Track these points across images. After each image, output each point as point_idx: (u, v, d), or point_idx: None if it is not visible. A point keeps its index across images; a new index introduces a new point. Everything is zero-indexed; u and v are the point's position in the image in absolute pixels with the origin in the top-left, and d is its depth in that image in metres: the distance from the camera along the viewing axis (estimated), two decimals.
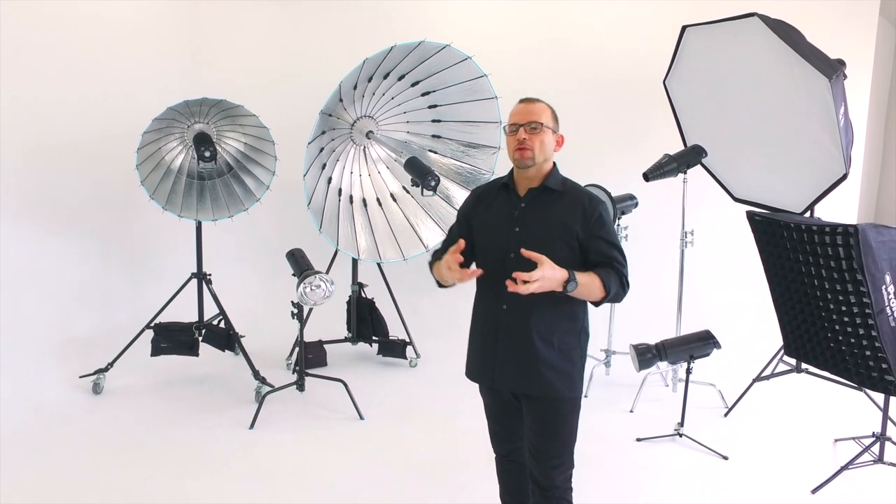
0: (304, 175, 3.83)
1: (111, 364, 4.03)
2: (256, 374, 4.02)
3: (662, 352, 3.35)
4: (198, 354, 4.24)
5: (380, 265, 4.60)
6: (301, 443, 3.47)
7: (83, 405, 3.82)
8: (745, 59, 3.87)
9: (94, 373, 4.00)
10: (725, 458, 3.36)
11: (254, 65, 5.45)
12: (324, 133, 4.05)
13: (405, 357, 4.64)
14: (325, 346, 4.59)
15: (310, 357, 4.39)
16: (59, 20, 4.26)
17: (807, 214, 3.90)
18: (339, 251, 4.27)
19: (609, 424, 3.72)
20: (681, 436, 3.52)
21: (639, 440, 3.55)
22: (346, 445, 3.45)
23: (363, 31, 5.48)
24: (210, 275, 4.23)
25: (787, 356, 3.48)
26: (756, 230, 3.12)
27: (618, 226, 4.17)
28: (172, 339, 4.16)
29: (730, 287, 5.26)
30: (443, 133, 4.54)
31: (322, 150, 4.11)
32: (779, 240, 2.99)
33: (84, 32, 4.43)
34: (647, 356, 3.35)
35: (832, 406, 4.03)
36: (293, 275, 3.62)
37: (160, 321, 4.14)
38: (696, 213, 4.52)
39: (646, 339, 3.44)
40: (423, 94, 4.36)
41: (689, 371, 3.40)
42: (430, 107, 4.43)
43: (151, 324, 4.11)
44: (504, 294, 1.98)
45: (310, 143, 3.78)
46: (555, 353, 2.09)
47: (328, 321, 4.88)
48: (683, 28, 4.04)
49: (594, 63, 5.35)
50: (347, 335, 4.70)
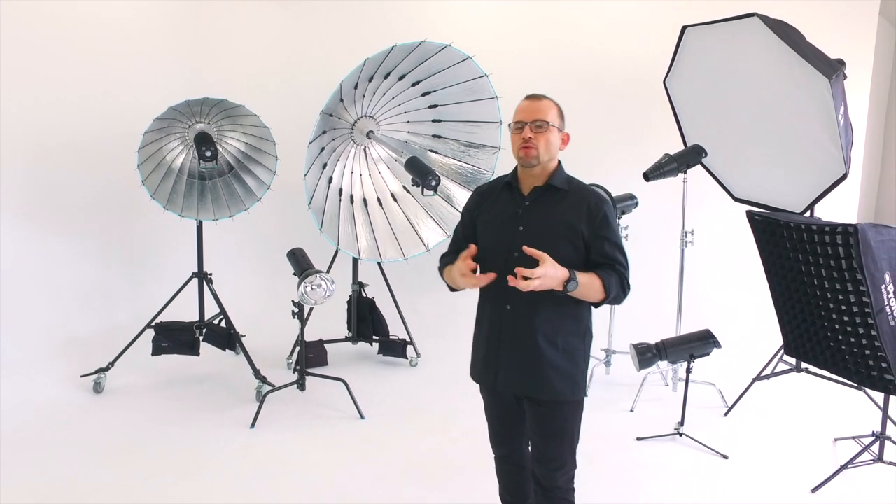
0: (305, 175, 3.83)
1: (112, 363, 4.04)
2: (257, 374, 4.03)
3: (662, 351, 3.35)
4: (198, 354, 4.24)
5: (380, 265, 4.60)
6: (302, 442, 3.47)
7: (84, 404, 3.83)
8: (745, 60, 3.87)
9: (95, 372, 4.00)
10: (725, 458, 3.37)
11: (255, 65, 5.45)
12: (324, 133, 4.06)
13: (405, 356, 4.64)
14: (326, 346, 4.60)
15: (310, 356, 4.40)
16: (60, 20, 4.27)
17: (807, 214, 3.90)
18: (340, 251, 4.27)
19: (609, 424, 3.73)
20: (681, 435, 3.53)
21: (639, 439, 3.55)
22: (347, 445, 3.46)
23: (364, 32, 5.48)
24: (211, 274, 4.23)
25: (787, 356, 3.49)
26: (756, 230, 3.12)
27: (618, 226, 4.17)
28: (173, 339, 4.16)
29: (730, 287, 5.26)
30: (443, 133, 4.54)
31: (323, 150, 4.12)
32: (779, 239, 2.99)
33: (84, 32, 4.43)
34: (648, 355, 3.36)
35: (832, 405, 4.04)
36: (294, 274, 3.63)
37: (161, 320, 4.14)
38: (696, 213, 4.52)
39: (646, 339, 3.44)
40: (424, 94, 4.37)
41: (690, 370, 3.41)
42: (431, 107, 4.44)
43: (152, 323, 4.12)
44: (508, 294, 1.96)
45: (310, 143, 3.79)
46: (559, 355, 2.06)
47: (329, 321, 4.88)
48: (683, 28, 4.05)
49: (594, 63, 5.35)
50: (348, 335, 4.71)
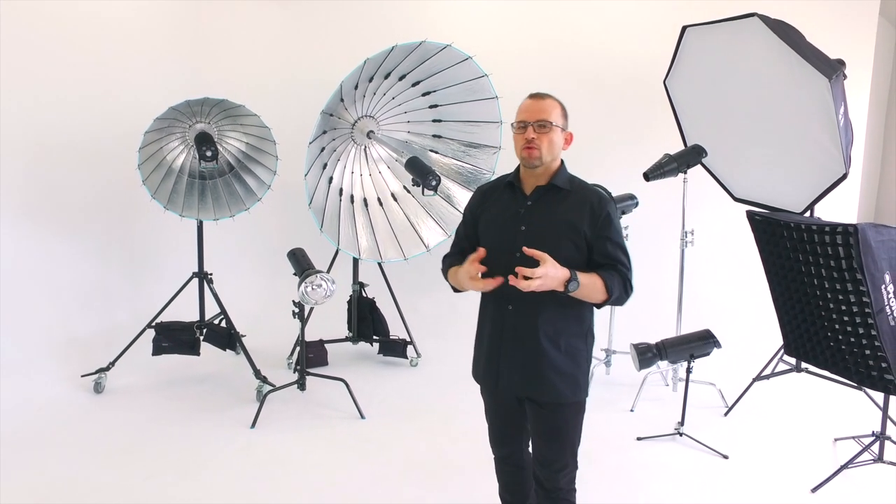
0: (306, 175, 3.83)
1: (112, 363, 4.04)
2: (258, 374, 4.03)
3: (663, 351, 3.35)
4: (199, 354, 4.24)
5: (380, 265, 4.61)
6: (302, 442, 3.47)
7: (84, 404, 3.83)
8: (746, 60, 3.88)
9: (96, 372, 4.00)
10: (726, 458, 3.37)
11: (255, 65, 5.45)
12: (325, 133, 4.06)
13: (406, 356, 4.64)
14: (326, 346, 4.60)
15: (311, 356, 4.39)
16: (60, 20, 4.27)
17: (807, 214, 3.90)
18: (340, 251, 4.27)
19: (609, 424, 3.73)
20: (681, 435, 3.53)
21: (639, 439, 3.56)
22: (347, 444, 3.46)
23: (364, 32, 5.48)
24: (211, 274, 4.23)
25: (787, 355, 3.49)
26: (756, 230, 3.12)
27: (620, 226, 4.17)
28: (174, 339, 4.16)
29: (730, 287, 5.26)
30: (443, 133, 4.54)
31: (323, 150, 4.12)
32: (779, 239, 3.00)
33: (85, 32, 4.43)
34: (648, 355, 3.35)
35: (832, 405, 4.04)
36: (294, 274, 3.63)
37: (161, 320, 4.14)
38: (697, 213, 4.53)
39: (646, 339, 3.44)
40: (424, 94, 4.37)
41: (690, 370, 3.41)
42: (431, 107, 4.44)
43: (153, 323, 4.12)
44: (510, 294, 1.95)
45: (311, 143, 3.79)
46: (562, 356, 2.05)
47: (329, 321, 4.89)
48: (684, 28, 4.05)
49: (595, 63, 5.35)
50: (348, 334, 4.71)
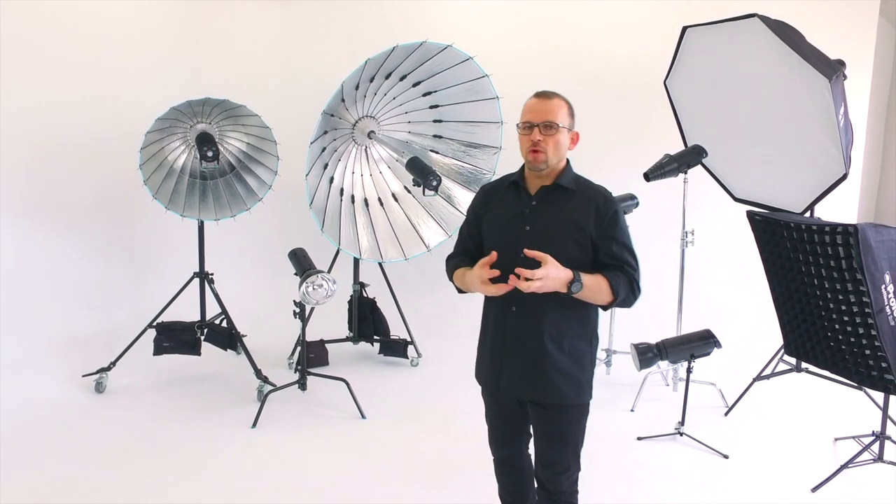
0: (306, 175, 3.84)
1: (114, 363, 4.05)
2: (258, 374, 4.04)
3: (663, 351, 3.35)
4: (200, 354, 4.25)
5: (381, 265, 4.61)
6: (303, 442, 3.48)
7: (86, 404, 3.84)
8: (746, 60, 3.88)
9: (97, 372, 4.01)
10: (726, 457, 3.38)
11: (256, 65, 5.46)
12: (326, 133, 4.06)
13: (406, 356, 4.65)
14: (327, 346, 4.60)
15: (311, 356, 4.40)
16: (60, 20, 4.27)
17: (807, 214, 3.91)
18: (341, 251, 4.28)
19: (610, 423, 3.74)
20: (681, 435, 3.54)
21: (639, 439, 3.56)
22: (348, 444, 3.46)
23: (364, 32, 5.49)
24: (212, 274, 4.24)
25: (788, 355, 3.49)
26: (756, 230, 3.13)
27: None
28: (175, 339, 4.17)
29: (730, 287, 5.27)
30: (444, 133, 4.55)
31: (324, 150, 4.12)
32: (779, 239, 3.00)
33: (85, 33, 4.44)
34: (648, 355, 3.36)
35: (832, 405, 4.05)
36: (295, 274, 3.63)
37: (162, 320, 4.15)
38: (697, 213, 4.53)
39: (646, 339, 3.45)
40: (425, 95, 4.38)
41: (690, 370, 3.41)
42: (432, 107, 4.44)
43: (154, 323, 4.13)
44: (513, 296, 1.93)
45: (312, 143, 3.79)
46: (565, 358, 2.03)
47: (330, 320, 4.89)
48: (684, 29, 4.05)
49: (595, 63, 5.36)
50: (349, 334, 4.71)
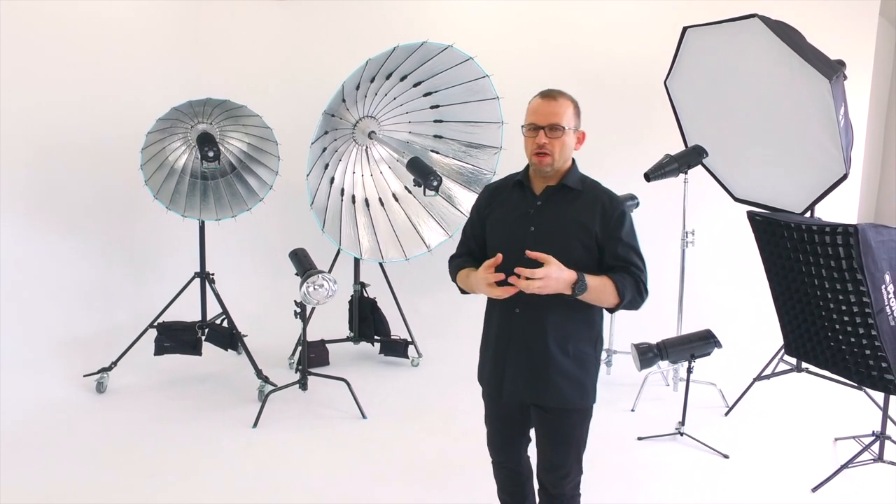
0: (307, 175, 3.84)
1: (115, 363, 4.05)
2: (259, 374, 4.04)
3: (663, 351, 3.35)
4: (201, 354, 4.26)
5: (382, 265, 4.61)
6: (304, 441, 3.48)
7: (87, 404, 3.84)
8: (746, 60, 3.88)
9: (98, 372, 4.01)
10: (726, 457, 3.38)
11: (257, 65, 5.46)
12: (326, 133, 4.06)
13: (407, 356, 4.65)
14: (328, 346, 4.61)
15: (312, 356, 4.40)
16: (60, 20, 4.28)
17: (807, 214, 3.91)
18: (342, 251, 4.28)
19: (610, 423, 3.74)
20: (682, 435, 3.54)
21: (640, 439, 3.57)
22: (349, 444, 3.47)
23: (364, 32, 5.50)
24: (213, 274, 4.24)
25: (788, 355, 3.50)
26: (756, 230, 3.13)
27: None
28: (176, 339, 4.17)
29: (730, 287, 5.27)
30: (445, 133, 4.55)
31: (325, 151, 4.13)
32: (779, 239, 3.00)
33: (86, 33, 4.44)
34: (649, 355, 3.36)
35: (832, 405, 4.05)
36: (296, 274, 3.64)
37: (163, 320, 4.16)
38: (697, 213, 4.54)
39: (647, 339, 3.45)
40: (426, 95, 4.38)
41: (690, 370, 3.42)
42: (433, 107, 4.45)
43: (155, 323, 4.13)
44: (518, 297, 1.92)
45: (313, 143, 3.79)
46: (569, 361, 2.01)
47: (330, 321, 4.89)
48: (684, 29, 4.06)
49: (595, 63, 5.36)
50: (350, 334, 4.72)
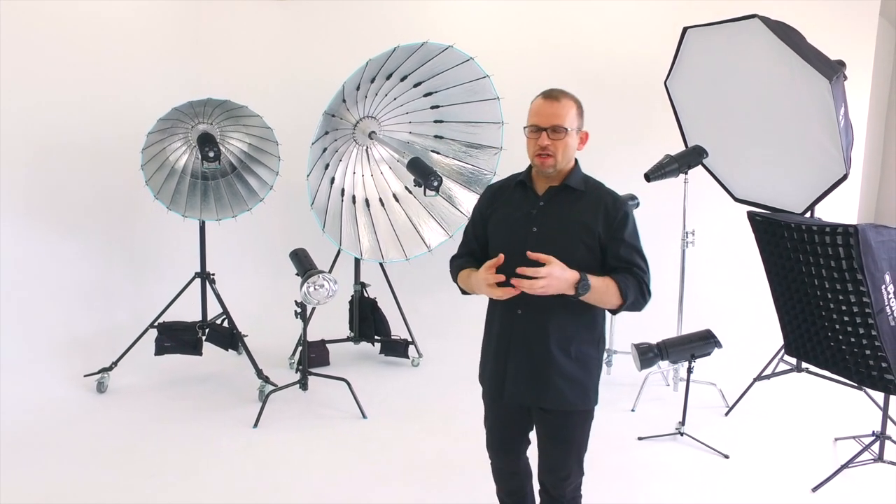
0: (308, 175, 3.84)
1: (115, 363, 4.05)
2: (260, 374, 4.04)
3: (664, 351, 3.35)
4: (201, 354, 4.26)
5: (382, 265, 4.62)
6: (304, 441, 3.49)
7: (87, 404, 3.84)
8: (746, 61, 3.89)
9: (99, 372, 4.02)
10: (726, 457, 3.39)
11: (258, 66, 5.47)
12: (327, 133, 4.07)
13: (407, 356, 4.65)
14: (328, 346, 4.61)
15: (313, 356, 4.40)
16: (60, 20, 4.27)
17: (807, 215, 3.91)
18: (342, 251, 4.28)
19: (610, 423, 3.74)
20: (682, 435, 3.55)
21: (640, 439, 3.57)
22: (349, 444, 3.47)
23: (364, 32, 5.50)
24: (213, 274, 4.25)
25: (788, 355, 3.50)
26: (756, 230, 3.13)
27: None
28: (176, 339, 4.18)
29: (730, 287, 5.27)
30: (445, 133, 4.56)
31: (325, 151, 4.13)
32: (779, 240, 3.01)
33: (85, 33, 4.44)
34: (649, 355, 3.36)
35: (832, 405, 4.05)
36: (296, 274, 3.64)
37: (164, 320, 4.16)
38: (697, 214, 4.54)
39: (647, 339, 3.45)
40: (426, 95, 4.38)
41: (691, 370, 3.42)
42: (433, 107, 4.45)
43: (155, 323, 4.14)
44: (519, 298, 1.91)
45: (313, 144, 3.80)
46: (571, 363, 2.00)
47: (331, 321, 4.90)
48: (684, 29, 4.06)
49: (595, 63, 5.36)
50: (350, 335, 4.72)
